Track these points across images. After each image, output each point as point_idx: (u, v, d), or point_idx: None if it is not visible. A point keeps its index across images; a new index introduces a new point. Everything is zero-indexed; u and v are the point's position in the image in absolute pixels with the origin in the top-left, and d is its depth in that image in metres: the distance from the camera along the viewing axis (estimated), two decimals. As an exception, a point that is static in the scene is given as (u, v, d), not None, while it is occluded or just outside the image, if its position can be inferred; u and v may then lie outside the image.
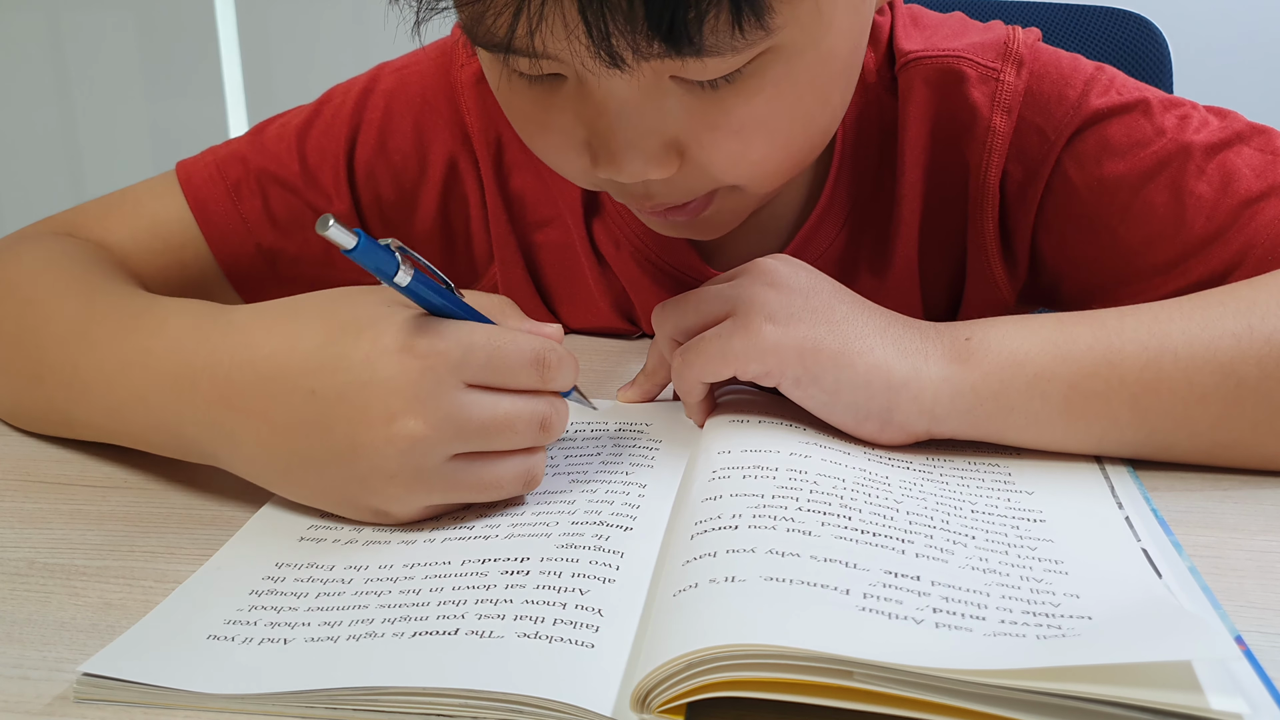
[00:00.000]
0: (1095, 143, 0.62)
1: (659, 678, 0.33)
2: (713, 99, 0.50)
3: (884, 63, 0.67)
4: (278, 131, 0.72)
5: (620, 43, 0.45)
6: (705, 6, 0.44)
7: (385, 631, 0.38)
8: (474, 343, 0.44)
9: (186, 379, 0.47)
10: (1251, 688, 0.34)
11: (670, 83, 0.50)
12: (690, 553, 0.40)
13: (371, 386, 0.43)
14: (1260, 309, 0.50)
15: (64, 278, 0.58)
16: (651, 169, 0.52)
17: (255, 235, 0.71)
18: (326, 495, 0.46)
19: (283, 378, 0.45)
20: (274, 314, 0.47)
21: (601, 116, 0.51)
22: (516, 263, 0.75)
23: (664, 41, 0.45)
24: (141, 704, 0.35)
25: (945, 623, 0.36)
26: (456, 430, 0.44)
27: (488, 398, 0.45)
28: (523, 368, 0.45)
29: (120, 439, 0.52)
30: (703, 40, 0.45)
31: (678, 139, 0.52)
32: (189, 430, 0.48)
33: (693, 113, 0.51)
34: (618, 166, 0.52)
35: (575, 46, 0.46)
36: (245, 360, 0.46)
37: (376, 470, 0.44)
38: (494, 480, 0.46)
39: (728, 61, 0.48)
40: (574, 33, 0.45)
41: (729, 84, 0.50)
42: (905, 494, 0.46)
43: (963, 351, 0.50)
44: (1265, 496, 0.49)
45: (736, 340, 0.50)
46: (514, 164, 0.72)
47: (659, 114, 0.51)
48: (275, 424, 0.45)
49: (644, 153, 0.51)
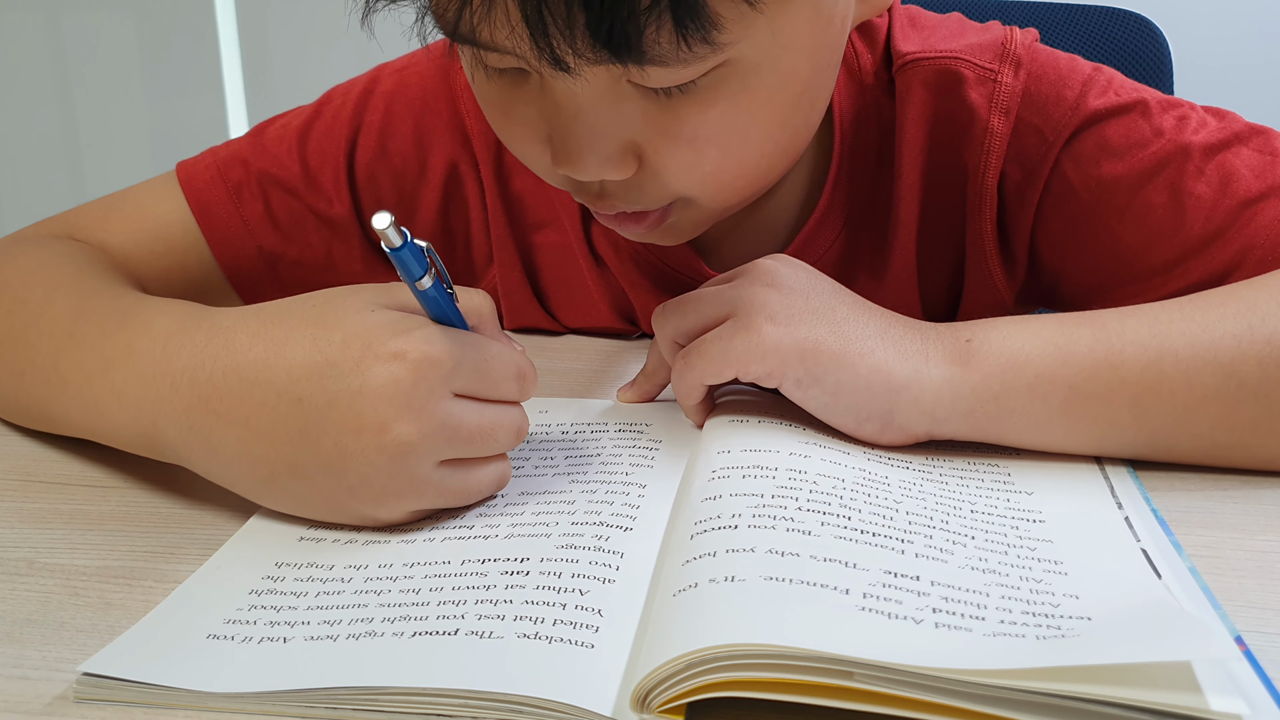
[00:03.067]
0: (1093, 143, 0.62)
1: (659, 678, 0.33)
2: (667, 106, 0.51)
3: (881, 64, 0.67)
4: (278, 133, 0.72)
5: (562, 46, 0.46)
6: (645, 19, 0.45)
7: (385, 631, 0.38)
8: (463, 354, 0.45)
9: (166, 379, 0.47)
10: (1251, 688, 0.34)
11: (628, 87, 0.51)
12: (690, 552, 0.40)
13: (362, 395, 0.43)
14: (1261, 310, 0.50)
15: (57, 277, 0.58)
16: (608, 170, 0.53)
17: (257, 238, 0.71)
18: (310, 503, 0.46)
19: (268, 384, 0.44)
20: (260, 318, 0.47)
21: (560, 114, 0.52)
22: (515, 264, 0.75)
23: (606, 49, 0.46)
24: (141, 704, 0.35)
25: (945, 623, 0.36)
26: (447, 438, 0.44)
27: (474, 407, 0.46)
28: (506, 380, 0.47)
29: (96, 436, 0.52)
30: (644, 49, 0.46)
31: (635, 143, 0.53)
32: (165, 431, 0.47)
33: (649, 118, 0.52)
34: (574, 164, 0.53)
35: (520, 46, 0.47)
36: (230, 365, 0.45)
37: (365, 478, 0.44)
38: (476, 485, 0.47)
39: (678, 72, 0.48)
40: (518, 32, 0.46)
41: (683, 94, 0.51)
42: (905, 494, 0.46)
43: (963, 353, 0.50)
44: (1265, 496, 0.49)
45: (738, 341, 0.50)
46: (514, 166, 0.72)
47: (617, 117, 0.52)
48: (259, 431, 0.44)
49: (600, 153, 0.52)
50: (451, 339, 0.45)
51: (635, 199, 0.57)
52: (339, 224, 0.72)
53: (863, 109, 0.67)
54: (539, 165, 0.57)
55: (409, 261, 0.44)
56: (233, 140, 0.73)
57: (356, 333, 0.44)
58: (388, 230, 0.42)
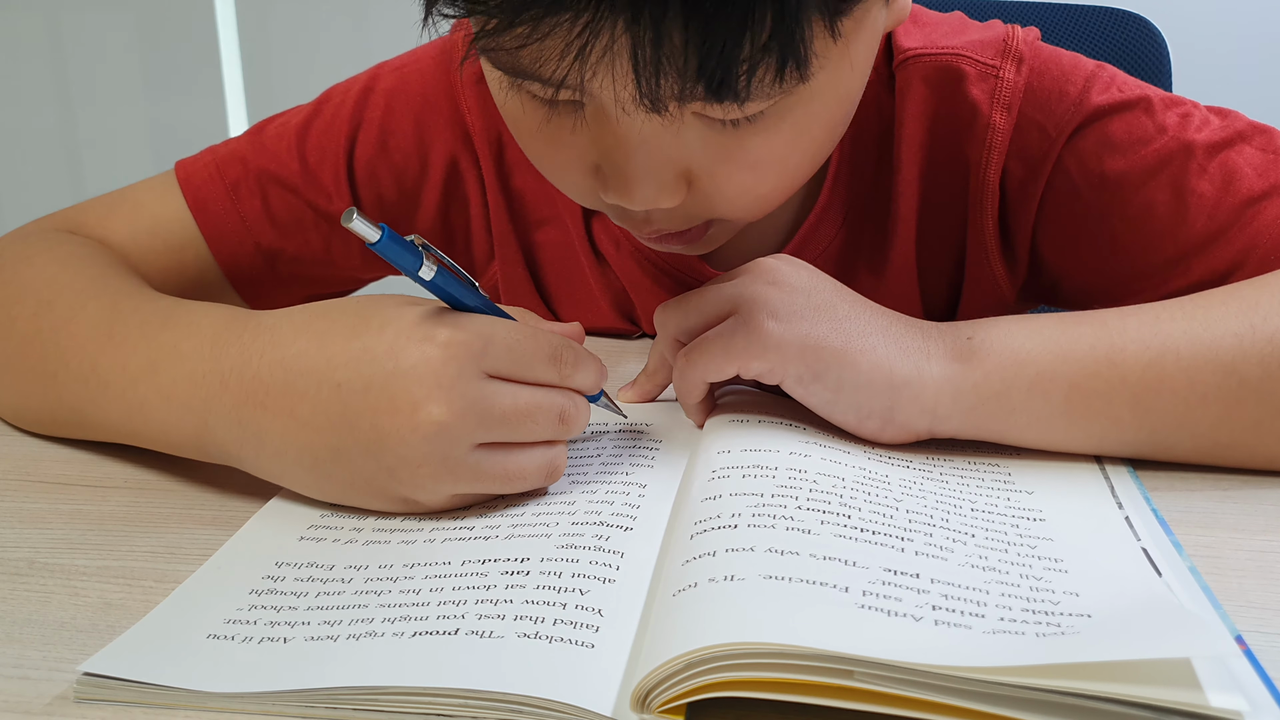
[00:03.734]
0: (1096, 140, 0.62)
1: (659, 677, 0.33)
2: (733, 135, 0.51)
3: (882, 60, 0.67)
4: (277, 131, 0.72)
5: (667, 92, 0.45)
6: (755, 62, 0.44)
7: (385, 631, 0.38)
8: (494, 334, 0.45)
9: (216, 378, 0.47)
10: (1251, 686, 0.34)
11: (692, 117, 0.50)
12: (690, 552, 0.40)
13: (395, 376, 0.44)
14: (1263, 309, 0.50)
15: (83, 279, 0.58)
16: (662, 198, 0.52)
17: (254, 235, 0.71)
18: (354, 488, 0.46)
19: (310, 373, 0.45)
20: (305, 314, 0.48)
21: (620, 147, 0.51)
22: (517, 261, 0.75)
23: (706, 89, 0.45)
24: (141, 703, 0.35)
25: (944, 620, 0.36)
26: (479, 418, 0.45)
27: (509, 387, 0.46)
28: (540, 361, 0.47)
29: (137, 439, 0.52)
30: (747, 93, 0.45)
31: (690, 169, 0.52)
32: (215, 430, 0.48)
33: (710, 146, 0.51)
34: (629, 195, 0.52)
35: (620, 93, 0.46)
36: (275, 359, 0.46)
37: (403, 459, 0.44)
38: (518, 470, 0.46)
39: (757, 106, 0.48)
40: (621, 81, 0.45)
41: (750, 122, 0.50)
42: (905, 493, 0.46)
43: (965, 351, 0.50)
44: (1265, 496, 0.49)
45: (739, 338, 0.50)
46: (515, 162, 0.72)
47: (677, 146, 0.51)
48: (301, 419, 0.45)
49: (657, 182, 0.52)
50: (480, 322, 0.46)
51: (679, 221, 0.56)
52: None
53: (863, 106, 0.67)
54: (578, 190, 0.56)
55: (395, 252, 0.44)
56: (232, 139, 0.73)
57: (391, 320, 0.45)
58: (355, 225, 0.42)
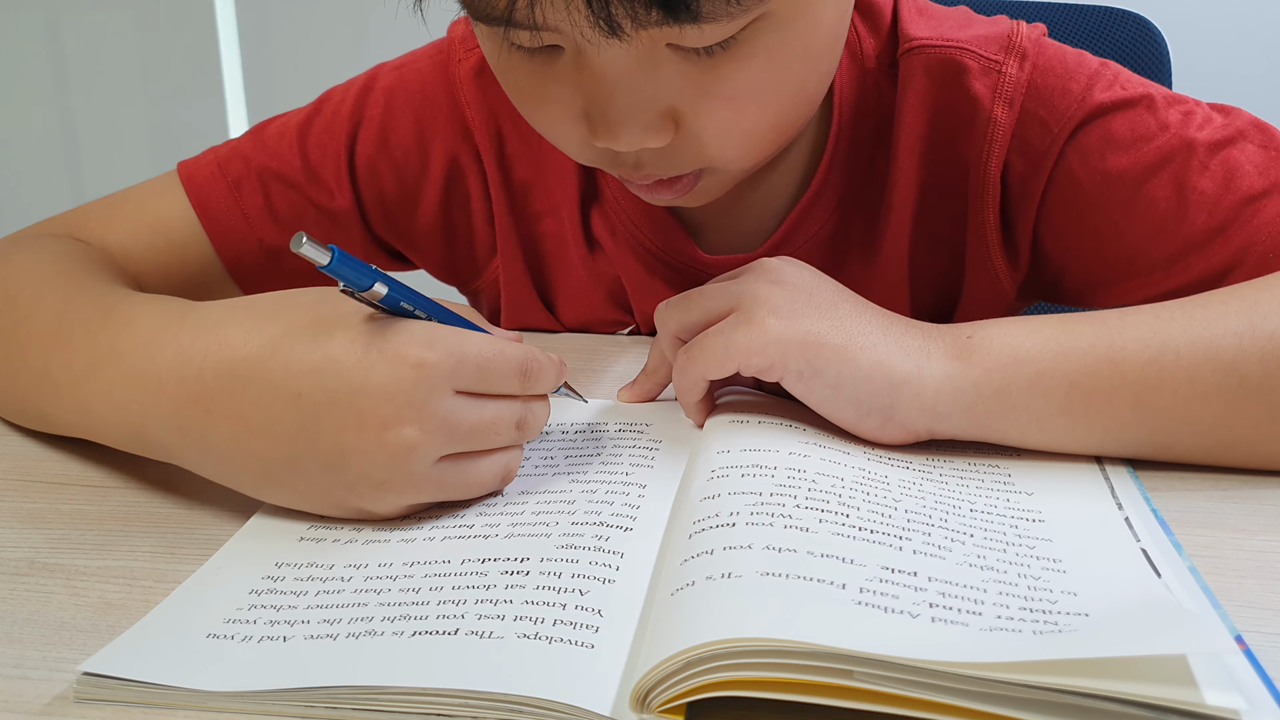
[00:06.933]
0: (1099, 136, 0.62)
1: (658, 677, 0.33)
2: (708, 66, 0.52)
3: (885, 48, 0.67)
4: (278, 130, 0.73)
5: (619, 11, 0.46)
6: None
7: (385, 630, 0.38)
8: (465, 353, 0.45)
9: (152, 379, 0.46)
10: (1250, 685, 0.34)
11: (666, 51, 0.51)
12: (688, 551, 0.40)
13: (364, 393, 0.43)
14: (1263, 308, 0.50)
15: (47, 275, 0.58)
16: (649, 137, 0.53)
17: (257, 232, 0.71)
18: (308, 498, 0.46)
19: (264, 380, 0.44)
20: (251, 314, 0.46)
21: (599, 87, 0.52)
22: (517, 254, 0.75)
23: (661, 9, 0.46)
24: (141, 703, 0.35)
25: (941, 618, 0.36)
26: (449, 435, 0.45)
27: (474, 403, 0.46)
28: (509, 376, 0.47)
29: (90, 436, 0.52)
30: (700, 7, 0.47)
31: (673, 108, 0.54)
32: (155, 431, 0.47)
33: (688, 81, 0.52)
34: (615, 135, 0.53)
35: (575, 17, 0.47)
36: (221, 362, 0.45)
37: (364, 475, 0.44)
38: (478, 478, 0.47)
39: (723, 28, 0.49)
40: (573, 3, 0.47)
41: (724, 51, 0.51)
42: (904, 493, 0.46)
43: (964, 349, 0.50)
44: (1265, 496, 0.49)
45: (740, 334, 0.50)
46: (515, 156, 0.72)
47: (655, 83, 0.52)
48: (254, 427, 0.44)
49: (641, 121, 0.53)
50: (451, 339, 0.45)
51: (669, 165, 0.57)
52: (340, 216, 0.73)
53: (863, 92, 0.67)
54: (572, 142, 0.58)
55: (347, 272, 0.42)
56: (233, 139, 0.74)
57: (359, 332, 0.44)
58: (304, 249, 0.40)
